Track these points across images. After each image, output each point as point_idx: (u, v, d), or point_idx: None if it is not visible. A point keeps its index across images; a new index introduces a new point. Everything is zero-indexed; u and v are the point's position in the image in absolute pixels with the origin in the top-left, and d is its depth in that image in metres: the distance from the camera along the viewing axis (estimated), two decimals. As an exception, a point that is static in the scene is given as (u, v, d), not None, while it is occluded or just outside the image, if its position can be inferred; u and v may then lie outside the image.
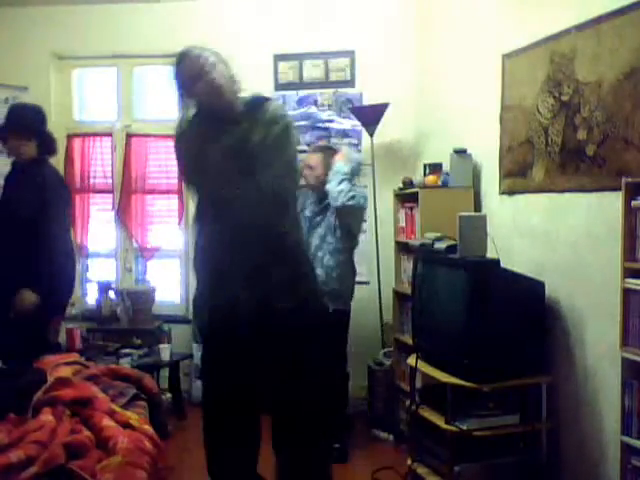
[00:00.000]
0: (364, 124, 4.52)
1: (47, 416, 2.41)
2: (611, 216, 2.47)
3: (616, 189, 2.39)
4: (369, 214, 4.66)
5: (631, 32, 2.45)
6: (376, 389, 4.10)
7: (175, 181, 5.01)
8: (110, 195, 5.08)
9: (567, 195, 2.85)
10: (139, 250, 5.06)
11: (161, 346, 4.35)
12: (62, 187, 3.56)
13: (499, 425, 2.80)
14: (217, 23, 4.81)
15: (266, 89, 4.59)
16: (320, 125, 4.79)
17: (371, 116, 4.44)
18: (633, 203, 2.27)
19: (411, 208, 3.85)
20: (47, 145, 3.52)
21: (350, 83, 4.79)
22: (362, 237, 4.73)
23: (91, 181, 5.09)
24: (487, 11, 3.55)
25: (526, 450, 2.90)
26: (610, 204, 2.52)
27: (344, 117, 4.76)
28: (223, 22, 4.81)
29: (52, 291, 3.29)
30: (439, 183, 3.69)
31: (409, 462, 3.13)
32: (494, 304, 2.75)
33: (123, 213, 5.02)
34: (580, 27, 2.74)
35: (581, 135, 2.74)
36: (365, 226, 4.76)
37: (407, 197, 3.93)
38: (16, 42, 4.94)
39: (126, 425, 2.48)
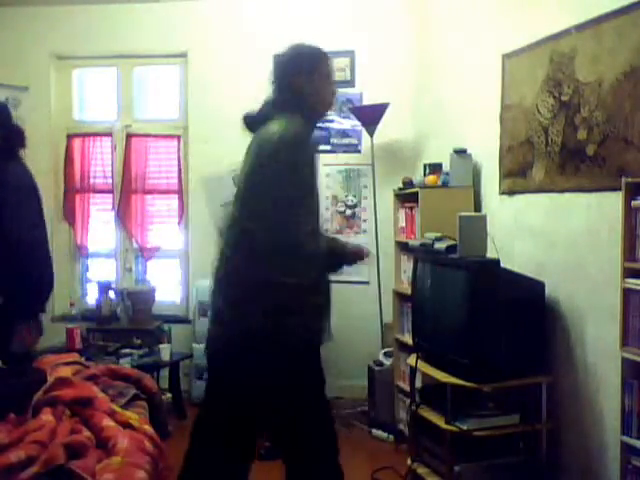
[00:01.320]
0: (364, 124, 4.52)
1: (47, 416, 2.40)
2: (611, 216, 2.47)
3: (616, 189, 2.39)
4: (369, 214, 4.67)
5: (631, 32, 2.45)
6: (376, 389, 4.10)
7: (175, 181, 5.02)
8: (110, 195, 5.09)
9: (567, 195, 2.85)
10: (139, 250, 5.07)
11: (161, 346, 4.35)
12: (25, 183, 3.38)
13: (499, 425, 2.80)
14: (217, 23, 4.82)
15: (265, 89, 4.58)
16: (320, 125, 4.79)
17: (371, 116, 4.44)
18: (633, 203, 2.26)
19: (411, 208, 3.85)
20: (9, 140, 3.37)
21: (350, 83, 4.79)
22: (362, 237, 4.76)
23: (91, 181, 5.10)
24: (487, 11, 3.55)
25: (526, 450, 2.90)
26: (610, 204, 2.51)
27: (344, 117, 4.77)
28: (223, 22, 4.81)
29: (14, 295, 2.90)
30: (439, 183, 3.69)
31: (409, 462, 3.13)
32: (494, 304, 2.75)
33: (123, 213, 5.02)
34: (580, 27, 2.73)
35: (581, 135, 2.74)
36: (365, 226, 4.78)
37: (407, 197, 3.92)
38: (16, 42, 4.95)
39: (126, 425, 2.48)
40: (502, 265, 2.88)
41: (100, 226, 5.17)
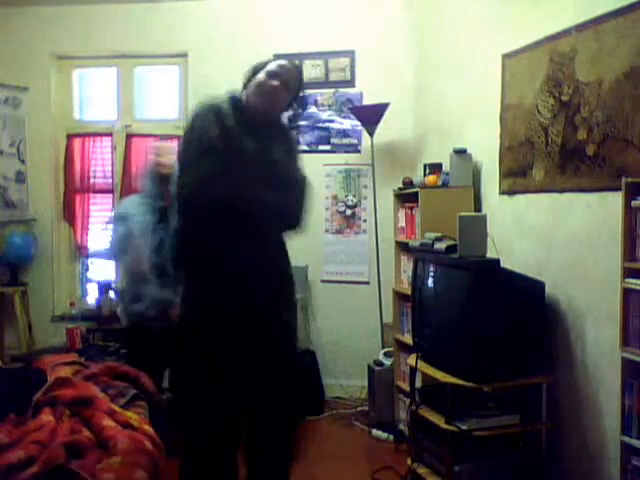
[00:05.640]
0: (364, 124, 4.52)
1: (47, 416, 2.40)
2: (611, 216, 2.48)
3: (616, 189, 2.39)
4: (369, 214, 4.68)
5: (631, 32, 2.45)
6: (376, 389, 4.10)
7: (175, 181, 5.02)
8: (110, 195, 5.09)
9: (567, 195, 2.85)
10: (139, 250, 5.06)
11: (161, 346, 4.33)
12: None
13: (499, 425, 2.80)
14: (217, 23, 4.82)
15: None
16: (320, 125, 4.79)
17: (371, 116, 4.44)
18: (633, 203, 2.26)
19: (411, 208, 3.85)
20: None
21: (350, 83, 4.79)
22: (362, 237, 4.77)
23: (91, 181, 5.10)
24: (487, 11, 3.55)
25: (526, 450, 2.90)
26: (610, 204, 2.52)
27: (344, 117, 4.77)
28: (223, 22, 4.82)
29: None
30: (439, 183, 3.69)
31: (409, 462, 3.13)
32: (494, 304, 2.74)
33: (123, 213, 5.01)
34: (580, 27, 2.74)
35: (581, 135, 2.74)
36: (365, 226, 4.78)
37: (407, 197, 3.92)
38: (16, 42, 4.95)
39: (126, 425, 2.48)
40: (502, 265, 2.88)
41: (100, 226, 5.17)
